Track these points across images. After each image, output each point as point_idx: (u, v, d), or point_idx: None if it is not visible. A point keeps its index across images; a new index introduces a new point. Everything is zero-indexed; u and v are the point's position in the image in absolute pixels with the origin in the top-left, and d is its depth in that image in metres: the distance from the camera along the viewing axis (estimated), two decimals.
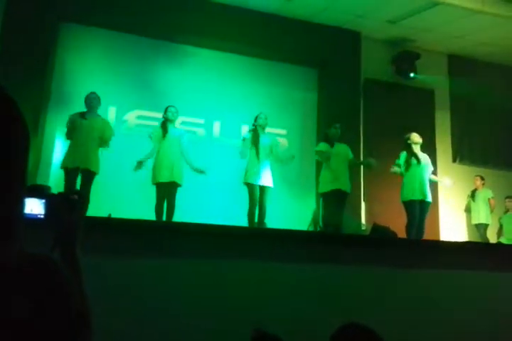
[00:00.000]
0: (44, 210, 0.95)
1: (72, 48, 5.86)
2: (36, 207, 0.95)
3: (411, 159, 5.13)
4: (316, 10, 6.40)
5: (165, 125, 4.83)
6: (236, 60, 6.51)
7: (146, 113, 6.03)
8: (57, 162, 5.13)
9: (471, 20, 6.40)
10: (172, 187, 4.65)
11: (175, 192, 4.66)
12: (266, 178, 4.86)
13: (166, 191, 4.63)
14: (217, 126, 6.44)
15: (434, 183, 5.95)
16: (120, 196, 5.11)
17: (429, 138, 7.21)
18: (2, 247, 0.61)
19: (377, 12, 6.41)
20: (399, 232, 4.90)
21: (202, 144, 6.22)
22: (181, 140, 4.85)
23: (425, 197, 5.05)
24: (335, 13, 6.47)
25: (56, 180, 4.94)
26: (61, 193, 0.97)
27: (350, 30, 6.84)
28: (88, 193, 4.14)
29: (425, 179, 5.13)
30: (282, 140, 6.74)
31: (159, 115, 6.23)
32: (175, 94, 6.14)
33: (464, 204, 6.94)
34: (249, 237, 3.19)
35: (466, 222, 6.96)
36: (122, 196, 5.06)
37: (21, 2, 5.30)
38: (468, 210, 6.73)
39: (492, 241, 6.39)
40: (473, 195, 6.63)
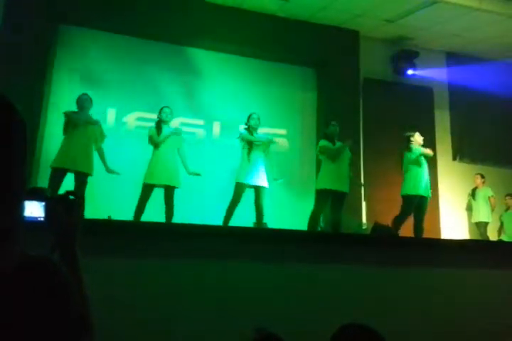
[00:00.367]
0: (44, 213, 0.95)
1: (71, 50, 5.86)
2: (36, 210, 0.96)
3: (420, 158, 5.17)
4: (314, 10, 6.41)
5: (159, 126, 4.80)
6: (235, 61, 6.52)
7: (146, 115, 6.03)
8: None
9: (469, 18, 6.41)
10: (168, 189, 4.61)
11: (172, 194, 4.61)
12: (260, 178, 4.80)
13: (166, 194, 4.61)
14: (216, 127, 6.44)
15: (435, 182, 5.95)
16: (120, 198, 5.11)
17: (428, 136, 7.19)
18: (2, 249, 0.62)
19: (375, 11, 6.41)
20: (400, 230, 4.91)
21: (202, 145, 6.23)
22: (178, 141, 4.82)
23: (426, 193, 5.10)
24: (333, 13, 6.47)
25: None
26: (60, 195, 0.97)
27: (348, 29, 6.84)
28: (83, 195, 4.13)
29: (423, 174, 5.16)
30: (282, 140, 6.75)
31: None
32: (174, 96, 6.14)
33: (465, 202, 6.94)
34: (249, 237, 3.19)
35: (467, 220, 6.96)
36: (122, 198, 5.06)
37: (20, 4, 5.30)
38: (469, 209, 6.74)
39: (493, 238, 6.39)
40: (473, 194, 6.63)
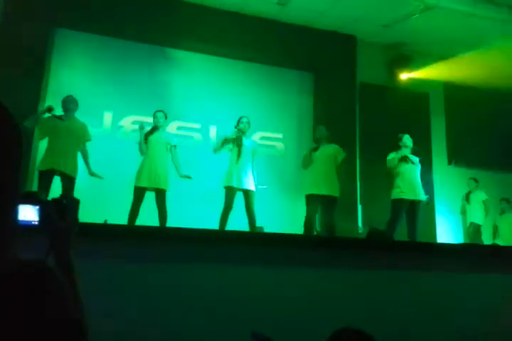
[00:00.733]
0: (38, 216, 0.95)
1: (68, 54, 5.87)
2: (30, 214, 0.95)
3: (401, 160, 5.12)
4: (312, 14, 6.44)
5: (152, 130, 4.79)
6: (232, 65, 6.54)
7: (142, 118, 6.02)
8: None
9: (464, 23, 6.46)
10: (158, 193, 4.59)
11: (163, 198, 4.57)
12: (248, 182, 4.77)
13: (157, 198, 4.58)
14: (213, 131, 6.45)
15: (430, 186, 5.95)
16: (116, 202, 5.09)
17: (424, 140, 7.26)
18: None
19: (371, 16, 6.46)
20: (396, 235, 4.91)
21: (198, 149, 6.22)
22: (170, 145, 4.80)
23: (417, 196, 5.03)
24: (330, 18, 6.51)
25: (54, 183, 4.90)
26: (54, 199, 0.97)
27: (345, 34, 6.88)
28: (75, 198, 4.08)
29: (416, 178, 5.13)
30: (278, 144, 6.76)
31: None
32: (171, 99, 6.15)
33: (460, 206, 6.96)
34: (244, 242, 3.19)
35: (463, 224, 6.97)
36: (119, 202, 5.04)
37: (18, 7, 5.30)
38: (463, 213, 6.75)
39: (488, 242, 6.41)
40: (467, 198, 6.65)
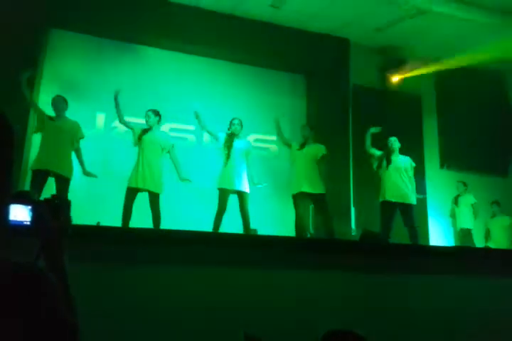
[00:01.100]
0: (30, 217, 0.94)
1: (61, 54, 5.83)
2: (22, 214, 0.94)
3: (384, 162, 5.10)
4: (305, 17, 6.47)
5: (146, 130, 4.75)
6: (225, 67, 6.54)
7: (135, 120, 6.00)
8: None
9: (457, 27, 6.52)
10: (151, 196, 4.52)
11: (156, 201, 4.50)
12: (241, 184, 4.74)
13: (150, 201, 4.52)
14: (207, 133, 6.43)
15: (422, 189, 5.97)
16: (110, 203, 5.06)
17: (416, 143, 7.31)
18: None
19: (365, 20, 6.49)
20: (392, 237, 4.93)
21: (192, 150, 6.21)
22: (167, 147, 4.76)
23: (405, 200, 4.97)
24: (323, 21, 6.54)
25: (47, 184, 4.86)
26: (46, 199, 0.95)
27: (338, 37, 6.91)
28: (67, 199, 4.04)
29: (401, 181, 5.02)
30: (272, 146, 6.76)
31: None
32: (165, 101, 6.13)
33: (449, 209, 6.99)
34: (238, 244, 3.18)
35: (453, 228, 7.01)
36: (112, 203, 5.01)
37: (10, 7, 5.26)
38: (453, 216, 6.79)
39: (479, 245, 6.45)
40: (456, 201, 6.69)
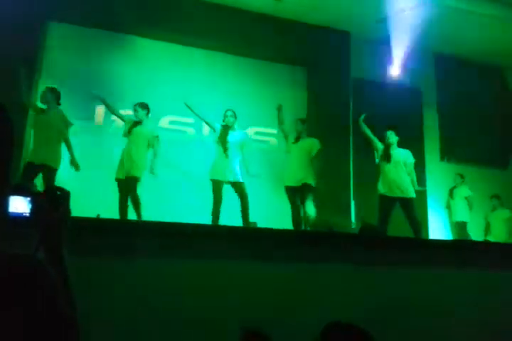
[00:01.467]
0: (29, 208, 0.93)
1: (59, 47, 5.79)
2: (21, 206, 0.93)
3: (384, 156, 5.10)
4: (306, 10, 6.41)
5: (136, 123, 4.78)
6: (226, 59, 6.50)
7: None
8: None
9: (458, 19, 6.47)
10: (129, 180, 4.55)
11: (132, 186, 4.54)
12: (234, 174, 4.80)
13: (125, 188, 4.56)
14: (206, 126, 6.41)
15: (423, 181, 5.95)
16: (109, 196, 5.04)
17: (417, 136, 7.29)
18: None
19: (365, 12, 6.44)
20: (389, 230, 4.93)
21: (191, 143, 6.20)
22: (153, 136, 4.80)
23: (404, 194, 4.94)
24: (324, 13, 6.49)
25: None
26: (46, 191, 0.95)
27: (339, 29, 6.86)
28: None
29: (399, 175, 5.00)
30: (272, 139, 6.75)
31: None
32: (165, 94, 6.11)
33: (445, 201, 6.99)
34: (237, 237, 3.18)
35: (449, 220, 7.01)
36: (111, 196, 5.00)
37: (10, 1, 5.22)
38: (448, 207, 6.80)
39: (478, 238, 6.46)
40: (451, 193, 6.69)
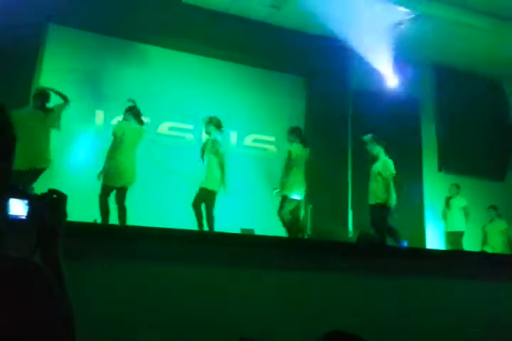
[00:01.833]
0: (26, 211, 0.92)
1: (61, 50, 5.81)
2: (18, 208, 0.92)
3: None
4: (305, 19, 6.46)
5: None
6: (225, 67, 6.54)
7: None
8: None
9: (456, 31, 6.54)
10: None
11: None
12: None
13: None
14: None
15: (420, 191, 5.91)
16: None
17: (415, 146, 7.33)
18: None
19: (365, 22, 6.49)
20: (387, 239, 4.92)
21: (190, 150, 6.20)
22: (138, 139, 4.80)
23: (375, 202, 5.07)
24: (323, 22, 6.53)
25: (40, 180, 4.83)
26: (44, 193, 0.94)
27: (338, 39, 6.91)
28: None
29: (373, 185, 5.14)
30: (271, 147, 6.76)
31: (147, 119, 6.19)
32: (164, 100, 6.13)
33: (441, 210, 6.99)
34: (235, 244, 3.17)
35: (445, 230, 7.00)
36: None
37: (10, 3, 5.24)
38: (445, 217, 6.80)
39: (475, 249, 6.45)
40: (447, 203, 6.71)
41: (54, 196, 0.94)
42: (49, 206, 0.91)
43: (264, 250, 3.08)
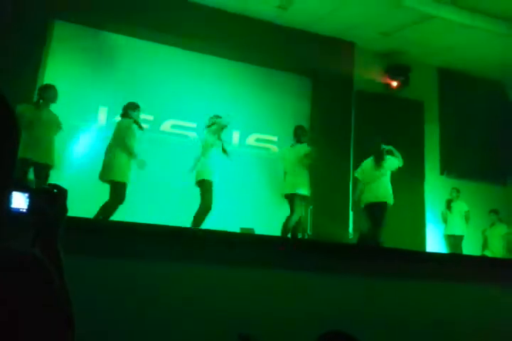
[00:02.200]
0: (27, 204, 0.93)
1: (66, 46, 5.81)
2: (19, 201, 0.93)
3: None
4: (312, 20, 6.46)
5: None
6: (230, 66, 6.53)
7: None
8: None
9: (462, 34, 6.52)
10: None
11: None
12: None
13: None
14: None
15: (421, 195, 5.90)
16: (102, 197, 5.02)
17: (418, 149, 7.31)
18: None
19: (371, 23, 6.49)
20: (387, 241, 4.91)
21: (193, 148, 6.19)
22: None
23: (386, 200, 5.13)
24: (330, 24, 6.53)
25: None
26: (44, 187, 0.95)
27: (344, 40, 6.90)
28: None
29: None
30: (273, 147, 6.75)
31: (150, 117, 6.17)
32: (168, 98, 6.13)
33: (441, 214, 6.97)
34: (234, 243, 3.17)
35: (444, 233, 6.98)
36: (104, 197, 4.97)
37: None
38: (445, 220, 6.79)
39: (476, 253, 6.44)
40: (448, 206, 6.68)
41: (54, 190, 0.95)
42: (49, 200, 0.92)
43: (263, 249, 3.08)
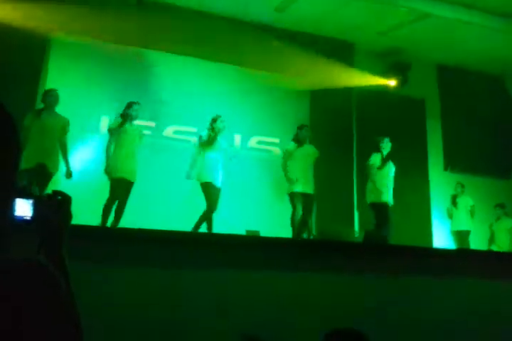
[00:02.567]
0: (31, 212, 0.93)
1: (65, 57, 5.85)
2: (23, 209, 0.93)
3: (382, 163, 5.37)
4: (309, 21, 6.46)
5: (124, 120, 4.78)
6: (230, 70, 6.54)
7: (140, 122, 6.00)
8: None
9: (460, 30, 6.51)
10: (126, 184, 4.51)
11: (129, 191, 4.53)
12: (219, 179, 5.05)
13: (120, 189, 4.47)
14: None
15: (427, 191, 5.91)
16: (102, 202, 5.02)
17: (421, 146, 7.30)
18: None
19: (368, 24, 6.48)
20: (393, 239, 4.90)
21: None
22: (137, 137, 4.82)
23: (390, 200, 5.27)
24: (327, 25, 6.53)
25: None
26: (48, 194, 0.95)
27: (342, 41, 6.90)
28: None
29: (391, 182, 5.35)
30: (275, 149, 6.76)
31: (152, 124, 6.19)
32: (169, 103, 6.15)
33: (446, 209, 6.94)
34: (240, 246, 3.17)
35: (451, 229, 6.94)
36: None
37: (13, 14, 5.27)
38: (450, 216, 6.76)
39: (482, 248, 6.40)
40: (454, 202, 6.66)
41: (59, 197, 0.95)
42: (54, 207, 0.92)
43: (269, 251, 3.08)
